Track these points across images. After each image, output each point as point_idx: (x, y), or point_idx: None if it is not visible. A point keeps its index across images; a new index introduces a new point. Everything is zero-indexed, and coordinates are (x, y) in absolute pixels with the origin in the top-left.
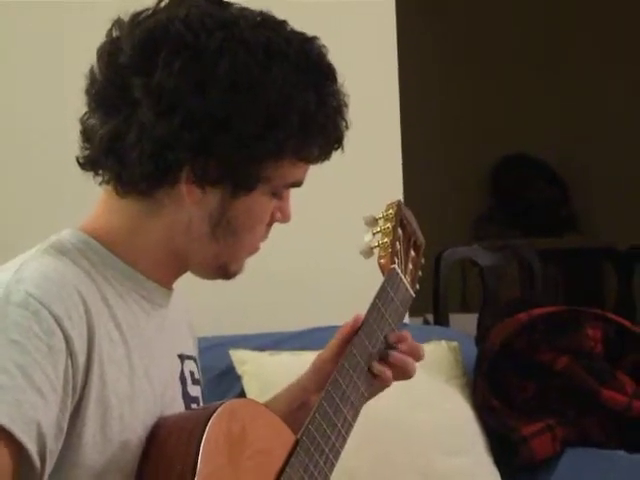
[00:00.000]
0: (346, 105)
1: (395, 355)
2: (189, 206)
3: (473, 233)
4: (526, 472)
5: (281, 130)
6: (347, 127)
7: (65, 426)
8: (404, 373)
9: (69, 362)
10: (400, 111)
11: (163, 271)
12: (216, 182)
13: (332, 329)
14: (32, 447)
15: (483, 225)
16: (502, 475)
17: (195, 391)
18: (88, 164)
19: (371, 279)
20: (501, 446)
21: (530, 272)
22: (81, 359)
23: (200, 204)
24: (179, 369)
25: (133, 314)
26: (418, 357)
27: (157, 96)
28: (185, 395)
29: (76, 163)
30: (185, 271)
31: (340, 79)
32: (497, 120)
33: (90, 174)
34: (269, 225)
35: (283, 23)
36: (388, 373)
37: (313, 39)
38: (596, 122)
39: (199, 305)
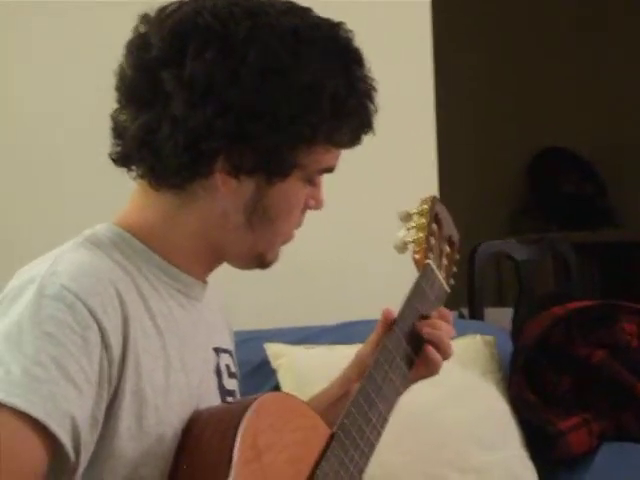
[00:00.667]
0: (375, 89)
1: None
2: (224, 197)
3: (508, 227)
4: (563, 466)
5: (313, 115)
6: (377, 111)
7: (101, 418)
8: (438, 347)
9: (104, 354)
10: (435, 105)
11: (198, 264)
12: (251, 170)
13: (366, 323)
14: (67, 440)
15: (518, 219)
16: (538, 470)
17: (231, 384)
18: (121, 160)
19: (406, 274)
20: (537, 440)
21: (565, 266)
22: (116, 352)
23: (235, 194)
24: (215, 362)
25: (168, 307)
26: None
27: (189, 87)
28: (221, 388)
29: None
30: (220, 263)
31: (368, 64)
32: (533, 113)
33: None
34: (303, 212)
35: (309, 10)
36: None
37: (340, 24)
38: (633, 116)
39: (235, 299)
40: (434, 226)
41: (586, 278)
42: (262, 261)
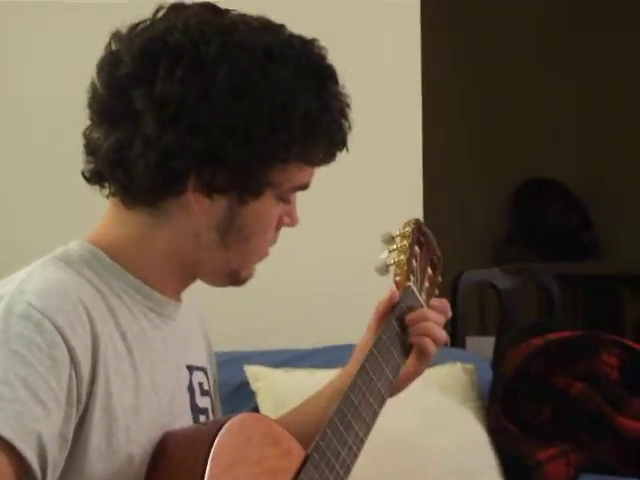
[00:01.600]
0: (348, 106)
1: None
2: (197, 215)
3: (492, 256)
4: None
5: (285, 134)
6: (350, 128)
7: (70, 437)
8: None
9: (73, 373)
10: (422, 131)
11: (172, 282)
12: (223, 189)
13: (347, 348)
14: (33, 458)
15: (503, 248)
16: None
17: (204, 402)
18: (94, 177)
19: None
20: (515, 470)
21: (548, 297)
22: (85, 370)
23: (208, 213)
24: (187, 380)
25: (140, 326)
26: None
27: (160, 106)
28: (193, 406)
29: (80, 176)
30: (193, 281)
31: (341, 80)
32: (520, 143)
33: (95, 187)
34: (277, 230)
35: (282, 27)
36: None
37: (313, 41)
38: (618, 148)
39: (215, 320)
40: (416, 249)
41: (569, 310)
42: (236, 278)
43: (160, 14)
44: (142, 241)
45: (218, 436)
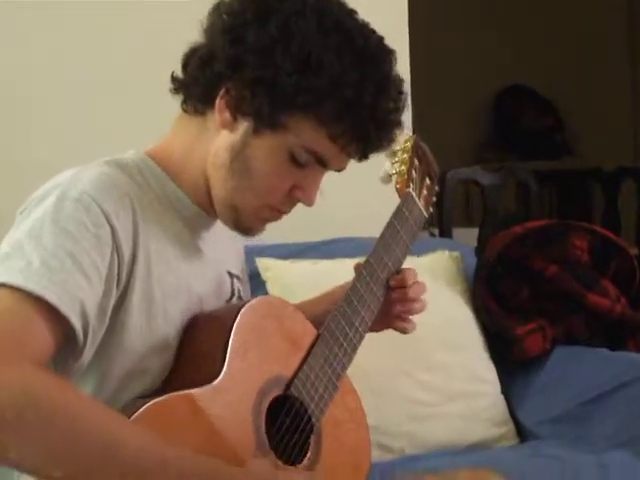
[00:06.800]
0: (397, 127)
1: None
2: (220, 129)
3: (475, 156)
4: (519, 367)
5: (317, 81)
6: (393, 139)
7: (108, 312)
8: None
9: (115, 253)
10: (410, 47)
11: (205, 196)
12: (244, 112)
13: (349, 240)
14: (77, 323)
15: (484, 149)
16: (497, 369)
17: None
18: (179, 87)
19: (390, 202)
20: (497, 344)
21: (526, 191)
22: (127, 251)
23: (228, 130)
24: (229, 284)
25: (176, 229)
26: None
27: (227, 21)
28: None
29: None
30: None
31: (404, 90)
32: (498, 52)
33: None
34: (290, 197)
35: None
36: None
37: (391, 50)
38: (589, 55)
39: None
40: (415, 161)
41: (544, 203)
42: (238, 219)
43: None
44: (187, 151)
45: (243, 308)
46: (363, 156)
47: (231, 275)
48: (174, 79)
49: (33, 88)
